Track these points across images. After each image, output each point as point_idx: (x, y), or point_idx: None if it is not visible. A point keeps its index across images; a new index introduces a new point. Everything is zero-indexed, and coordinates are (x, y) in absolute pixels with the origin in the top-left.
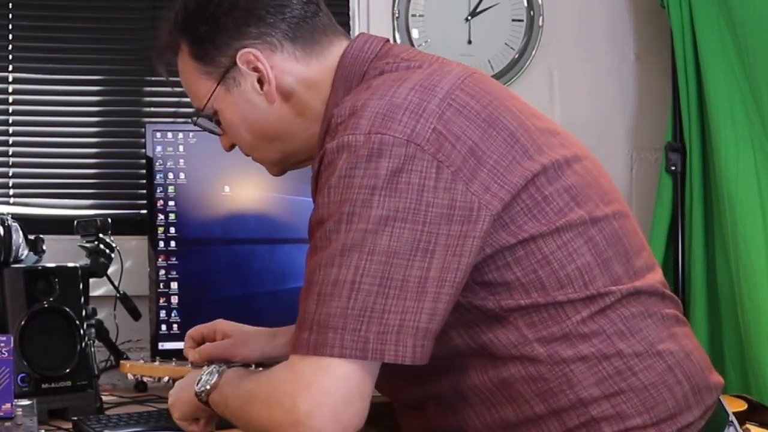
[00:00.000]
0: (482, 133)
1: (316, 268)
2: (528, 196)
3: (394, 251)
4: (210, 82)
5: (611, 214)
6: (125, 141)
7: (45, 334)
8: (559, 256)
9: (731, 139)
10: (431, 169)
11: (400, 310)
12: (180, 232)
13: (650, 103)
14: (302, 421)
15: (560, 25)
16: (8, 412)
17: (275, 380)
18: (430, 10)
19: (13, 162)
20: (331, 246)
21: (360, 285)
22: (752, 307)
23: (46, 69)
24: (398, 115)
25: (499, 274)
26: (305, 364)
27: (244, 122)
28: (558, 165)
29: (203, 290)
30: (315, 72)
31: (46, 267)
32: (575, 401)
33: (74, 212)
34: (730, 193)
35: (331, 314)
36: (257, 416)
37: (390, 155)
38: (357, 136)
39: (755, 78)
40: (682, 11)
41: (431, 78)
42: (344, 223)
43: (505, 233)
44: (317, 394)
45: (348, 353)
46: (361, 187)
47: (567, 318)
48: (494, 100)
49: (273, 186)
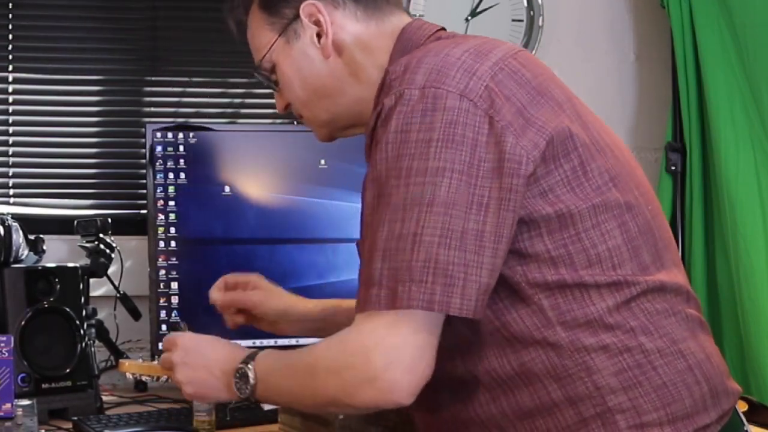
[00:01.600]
0: (531, 99)
1: (379, 225)
2: (569, 167)
3: (452, 202)
4: (272, 34)
5: (644, 204)
6: (125, 141)
7: (45, 334)
8: (591, 234)
9: (731, 139)
10: (483, 124)
11: (463, 262)
12: (180, 232)
13: (650, 103)
14: (379, 376)
15: (560, 25)
16: (8, 412)
17: (338, 344)
18: (430, 10)
19: (13, 162)
20: (391, 202)
21: (422, 237)
22: (752, 307)
23: (46, 69)
24: (452, 71)
25: (531, 243)
26: (374, 321)
27: (298, 76)
28: (600, 144)
29: (203, 290)
30: (372, 35)
31: (46, 267)
32: (593, 390)
33: (74, 212)
34: (730, 193)
35: (398, 267)
36: (323, 387)
37: (444, 108)
38: (412, 91)
39: (755, 78)
40: (682, 11)
41: (485, 45)
42: (403, 178)
43: (542, 201)
44: (391, 348)
45: (416, 304)
46: (417, 141)
47: (592, 304)
48: (544, 73)
49: (273, 186)
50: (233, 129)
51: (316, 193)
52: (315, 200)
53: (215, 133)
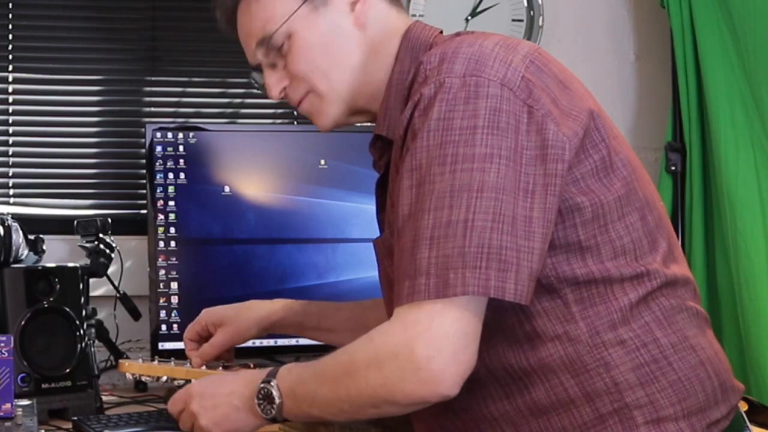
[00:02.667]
0: (561, 90)
1: (424, 214)
2: (599, 157)
3: (502, 187)
4: (294, 2)
5: (656, 200)
6: (125, 141)
7: (45, 334)
8: (617, 226)
9: (731, 139)
10: (523, 112)
11: (515, 248)
12: (180, 232)
13: (650, 103)
14: (424, 368)
15: (560, 25)
16: (8, 412)
17: (379, 337)
18: (430, 10)
19: (13, 162)
20: (435, 189)
21: (474, 222)
22: (752, 307)
23: (46, 69)
24: (490, 61)
25: (564, 233)
26: (419, 311)
27: (323, 45)
28: (619, 138)
29: (203, 290)
30: (393, 21)
31: (46, 267)
32: (610, 385)
33: (74, 212)
34: (730, 193)
35: (449, 254)
36: (364, 385)
37: (487, 95)
38: (453, 79)
39: (755, 78)
40: (682, 11)
41: (509, 40)
42: (449, 165)
43: (575, 188)
44: (436, 338)
45: (471, 290)
46: (462, 128)
47: (615, 299)
48: (565, 69)
49: (273, 186)
50: (233, 129)
51: (316, 193)
52: (315, 200)
53: (215, 133)
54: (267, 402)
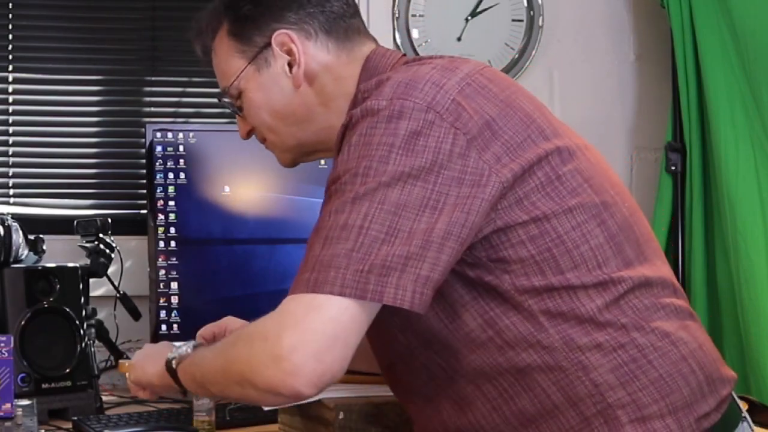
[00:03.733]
0: (499, 111)
1: (327, 215)
2: (543, 174)
3: (404, 204)
4: (242, 61)
5: (621, 203)
6: (125, 141)
7: (45, 334)
8: (573, 236)
9: (731, 139)
10: (448, 135)
11: (405, 256)
12: (180, 232)
13: (650, 103)
14: (284, 356)
15: (560, 25)
16: (8, 412)
17: (261, 321)
18: (430, 10)
19: (13, 162)
20: (344, 195)
21: (368, 230)
22: (752, 307)
23: (46, 69)
24: (420, 85)
25: (514, 251)
26: (297, 303)
27: (267, 103)
28: (572, 149)
29: (203, 290)
30: (342, 65)
31: (46, 267)
32: (591, 388)
33: (74, 212)
34: (730, 193)
35: (336, 254)
36: (236, 355)
37: (410, 118)
38: (380, 101)
39: (755, 78)
40: (682, 11)
41: (452, 63)
42: (360, 176)
43: (519, 209)
44: (304, 331)
45: (348, 292)
46: (379, 144)
47: (582, 305)
48: (512, 86)
49: (273, 186)
50: (233, 129)
51: (316, 193)
52: (315, 200)
53: (215, 133)
54: (182, 349)
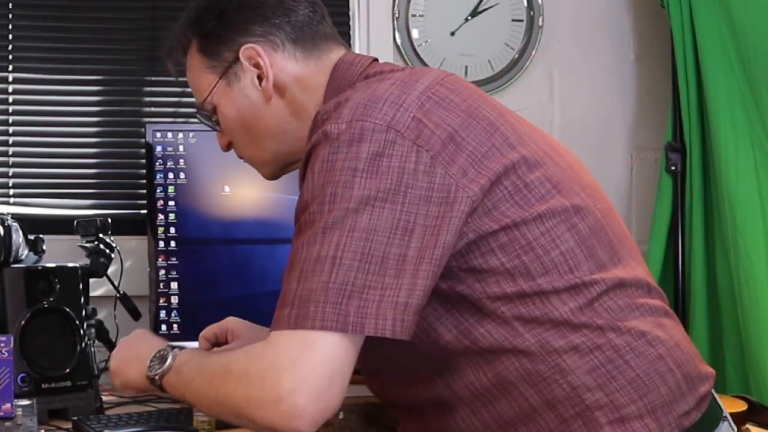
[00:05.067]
0: (462, 122)
1: (299, 248)
2: (510, 183)
3: (374, 228)
4: (213, 77)
5: (593, 205)
6: (125, 141)
7: (45, 334)
8: (542, 242)
9: (731, 139)
10: (411, 153)
11: (380, 286)
12: (180, 232)
13: (650, 103)
14: (285, 399)
15: (560, 25)
16: (8, 412)
17: (254, 356)
18: (430, 10)
19: (13, 162)
20: (314, 226)
21: (341, 260)
22: (752, 307)
23: (46, 69)
24: (378, 104)
25: (484, 260)
26: (288, 341)
27: (240, 118)
28: (539, 155)
29: (203, 290)
30: (312, 74)
31: (46, 267)
32: (569, 390)
33: (74, 212)
34: (730, 193)
35: (313, 289)
36: (231, 392)
37: (371, 140)
38: (339, 125)
39: (755, 78)
40: (682, 11)
41: (411, 76)
42: (327, 204)
43: (488, 219)
44: (302, 373)
45: (329, 326)
46: (342, 169)
47: (554, 309)
48: (474, 94)
49: (273, 186)
50: None
51: None
52: None
53: (215, 133)
54: (158, 362)
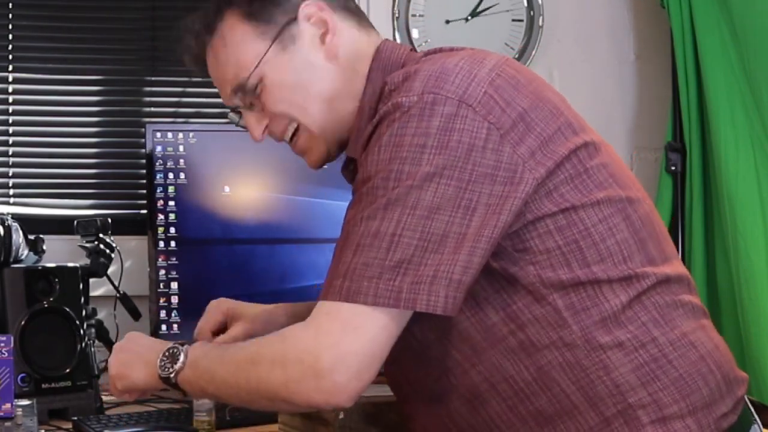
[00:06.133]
0: (530, 103)
1: (358, 220)
2: (571, 166)
3: (437, 206)
4: (263, 43)
5: (643, 199)
6: (125, 141)
7: (45, 334)
8: (600, 228)
9: (731, 139)
10: (481, 129)
11: (436, 263)
12: (180, 232)
13: (650, 103)
14: (326, 377)
15: (560, 25)
16: (8, 412)
17: (291, 338)
18: (430, 10)
19: (13, 162)
20: (376, 201)
21: (400, 237)
22: (752, 307)
23: (46, 69)
24: (451, 76)
25: (541, 240)
26: (333, 320)
27: (298, 82)
28: (596, 144)
29: (203, 290)
30: (363, 43)
31: (46, 267)
32: (612, 388)
33: (74, 212)
34: (730, 193)
35: (368, 264)
36: (265, 378)
37: (441, 114)
38: (410, 97)
39: (755, 78)
40: (682, 11)
41: (478, 54)
42: (392, 180)
43: (548, 201)
44: (344, 353)
45: (381, 302)
46: (411, 145)
47: (606, 300)
48: (536, 78)
49: (273, 186)
50: (233, 129)
51: (316, 193)
52: (315, 200)
53: (215, 133)
54: (169, 361)
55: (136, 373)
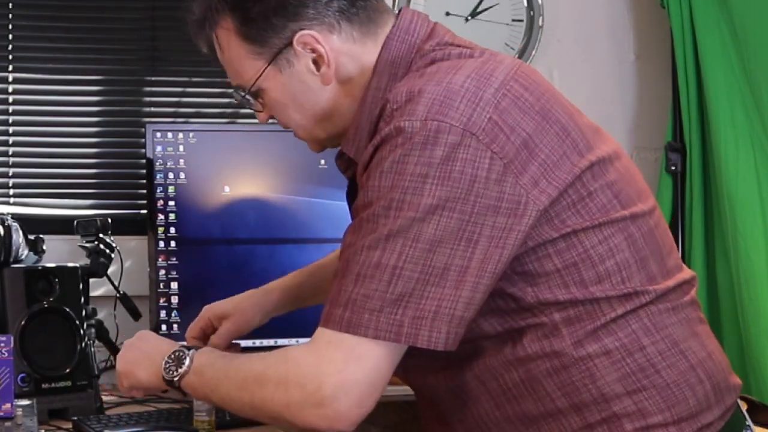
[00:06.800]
0: (536, 126)
1: (360, 249)
2: (574, 192)
3: (439, 239)
4: (259, 62)
5: (648, 212)
6: (125, 141)
7: (45, 334)
8: (599, 250)
9: (731, 139)
10: (485, 159)
11: (438, 297)
12: (180, 232)
13: (650, 103)
14: (326, 404)
15: (560, 25)
16: (8, 412)
17: (294, 361)
18: (430, 10)
19: (13, 162)
20: (377, 230)
21: (402, 270)
22: (752, 307)
23: (46, 69)
24: (455, 102)
25: (539, 264)
26: (336, 349)
27: (293, 102)
28: (603, 162)
29: (203, 290)
30: (368, 54)
31: (46, 267)
32: (597, 396)
33: (74, 212)
34: (730, 193)
35: (369, 296)
36: (269, 398)
37: (445, 143)
38: (413, 122)
39: (755, 78)
40: (682, 11)
41: (486, 66)
42: (393, 210)
43: (549, 227)
44: (346, 382)
45: (382, 335)
46: (413, 174)
47: (602, 314)
48: (546, 93)
49: (273, 186)
50: (233, 129)
51: (316, 193)
52: (315, 200)
53: (215, 133)
54: (174, 364)
55: (141, 372)
